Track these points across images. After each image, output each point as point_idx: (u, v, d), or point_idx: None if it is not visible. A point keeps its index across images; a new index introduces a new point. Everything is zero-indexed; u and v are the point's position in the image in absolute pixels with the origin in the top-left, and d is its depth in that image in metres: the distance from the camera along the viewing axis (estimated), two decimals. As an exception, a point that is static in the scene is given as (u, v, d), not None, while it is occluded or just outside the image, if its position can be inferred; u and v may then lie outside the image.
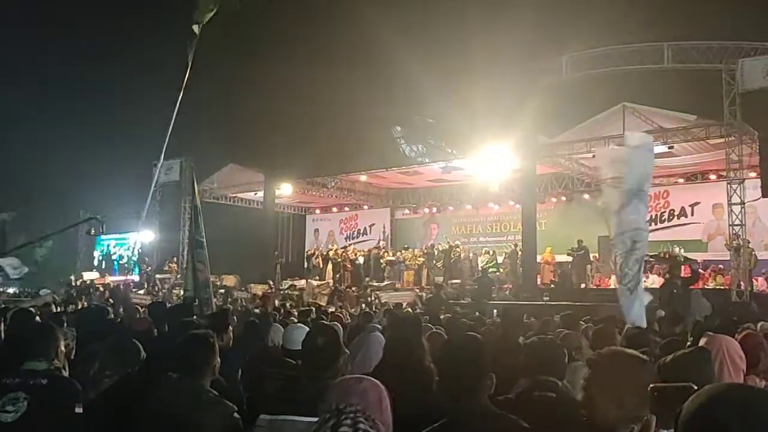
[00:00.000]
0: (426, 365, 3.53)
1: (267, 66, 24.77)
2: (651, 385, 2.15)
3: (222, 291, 20.92)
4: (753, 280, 17.66)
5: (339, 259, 25.83)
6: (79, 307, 12.87)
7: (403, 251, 25.41)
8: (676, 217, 23.01)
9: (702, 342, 4.02)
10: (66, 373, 3.77)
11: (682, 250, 18.77)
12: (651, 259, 13.00)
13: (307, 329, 4.49)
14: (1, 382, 3.35)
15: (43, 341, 3.60)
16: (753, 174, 17.84)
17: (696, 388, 1.73)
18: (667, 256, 15.81)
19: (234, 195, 28.52)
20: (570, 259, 21.28)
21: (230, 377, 4.21)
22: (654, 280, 19.32)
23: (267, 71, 23.67)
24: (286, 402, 3.19)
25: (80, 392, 3.45)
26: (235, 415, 3.10)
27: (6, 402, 3.26)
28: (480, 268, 22.71)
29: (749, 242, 17.42)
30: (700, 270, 17.39)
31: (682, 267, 14.75)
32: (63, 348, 3.72)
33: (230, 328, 5.24)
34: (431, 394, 2.61)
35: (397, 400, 2.24)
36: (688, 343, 4.63)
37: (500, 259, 23.59)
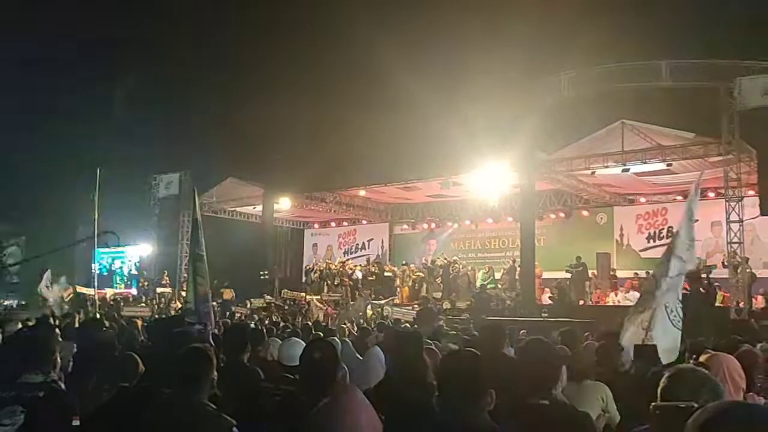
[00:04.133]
0: (428, 382, 3.51)
1: (266, 81, 24.87)
2: (652, 404, 2.14)
3: (219, 306, 20.84)
4: (753, 298, 17.63)
5: (336, 276, 25.75)
6: (77, 320, 12.80)
7: (402, 266, 25.37)
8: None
9: (701, 359, 4.02)
10: (62, 386, 3.75)
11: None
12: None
13: (303, 344, 4.47)
14: None
15: (40, 353, 3.58)
16: (751, 192, 17.88)
17: (697, 406, 1.72)
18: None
19: (233, 209, 28.50)
20: (568, 275, 21.24)
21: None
22: (633, 297, 19.30)
23: (266, 86, 23.78)
24: (284, 417, 3.18)
25: (77, 405, 3.44)
26: (234, 429, 3.08)
27: (2, 415, 3.25)
28: (478, 285, 22.67)
29: (748, 260, 17.41)
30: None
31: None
32: (59, 359, 3.70)
33: (248, 344, 5.15)
34: (433, 411, 2.60)
35: (400, 417, 2.23)
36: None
37: (498, 276, 23.57)
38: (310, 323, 14.17)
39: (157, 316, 18.63)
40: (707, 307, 10.95)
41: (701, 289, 10.88)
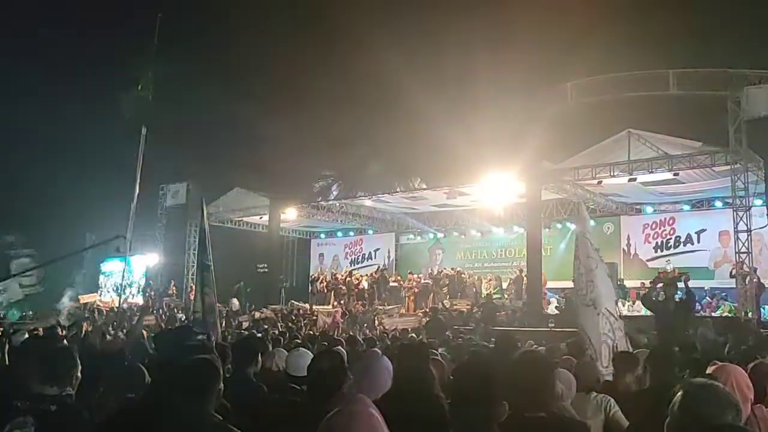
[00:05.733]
0: (435, 394, 3.50)
1: (273, 91, 24.97)
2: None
3: (225, 316, 20.84)
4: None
5: (342, 285, 25.73)
6: (83, 330, 12.81)
7: (408, 276, 25.33)
8: (682, 244, 22.95)
9: (709, 371, 3.98)
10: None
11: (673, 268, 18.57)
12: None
13: (311, 355, 4.47)
14: (11, 404, 3.34)
15: (61, 367, 3.59)
16: (759, 201, 17.80)
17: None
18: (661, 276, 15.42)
19: (239, 219, 28.55)
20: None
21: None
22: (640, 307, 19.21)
23: (272, 96, 23.87)
24: (290, 428, 3.17)
25: (87, 420, 3.44)
26: (241, 441, 3.07)
27: (13, 426, 3.25)
28: (484, 294, 22.60)
29: (756, 270, 17.31)
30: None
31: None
32: (79, 375, 3.70)
33: (259, 356, 5.15)
34: (440, 423, 2.59)
35: (407, 430, 2.22)
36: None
37: (505, 285, 23.50)
38: (316, 333, 14.16)
39: (163, 326, 18.62)
40: (683, 315, 10.74)
41: (676, 296, 10.69)
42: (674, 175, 18.46)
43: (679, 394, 2.29)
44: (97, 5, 28.50)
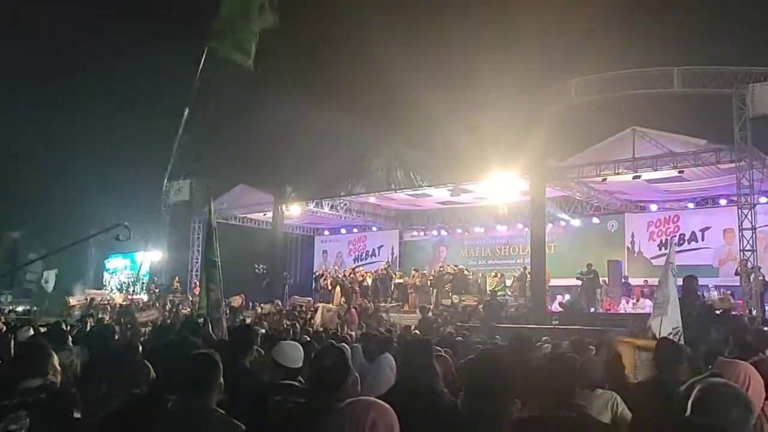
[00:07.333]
0: (439, 390, 3.50)
1: (277, 89, 24.95)
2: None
3: (229, 313, 20.86)
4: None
5: (348, 282, 25.73)
6: (88, 326, 12.85)
7: (413, 273, 25.31)
8: (686, 242, 22.90)
9: (719, 369, 3.94)
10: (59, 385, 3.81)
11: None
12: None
13: (300, 347, 4.47)
14: (1, 404, 3.39)
15: (36, 359, 3.65)
16: (764, 199, 17.77)
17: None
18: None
19: (243, 215, 28.60)
20: (579, 282, 21.13)
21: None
22: (644, 305, 19.23)
23: (277, 94, 23.85)
24: (296, 425, 3.19)
25: (77, 398, 3.52)
26: (243, 434, 3.09)
27: (8, 423, 3.30)
28: (488, 291, 22.59)
29: (760, 268, 17.28)
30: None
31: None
32: (57, 364, 3.76)
33: (254, 347, 5.16)
34: (445, 420, 2.60)
35: (411, 426, 2.22)
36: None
37: (509, 282, 23.48)
38: (321, 330, 14.17)
39: (169, 321, 18.67)
40: (706, 317, 10.71)
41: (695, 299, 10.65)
42: (679, 172, 18.43)
43: (696, 390, 2.29)
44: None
